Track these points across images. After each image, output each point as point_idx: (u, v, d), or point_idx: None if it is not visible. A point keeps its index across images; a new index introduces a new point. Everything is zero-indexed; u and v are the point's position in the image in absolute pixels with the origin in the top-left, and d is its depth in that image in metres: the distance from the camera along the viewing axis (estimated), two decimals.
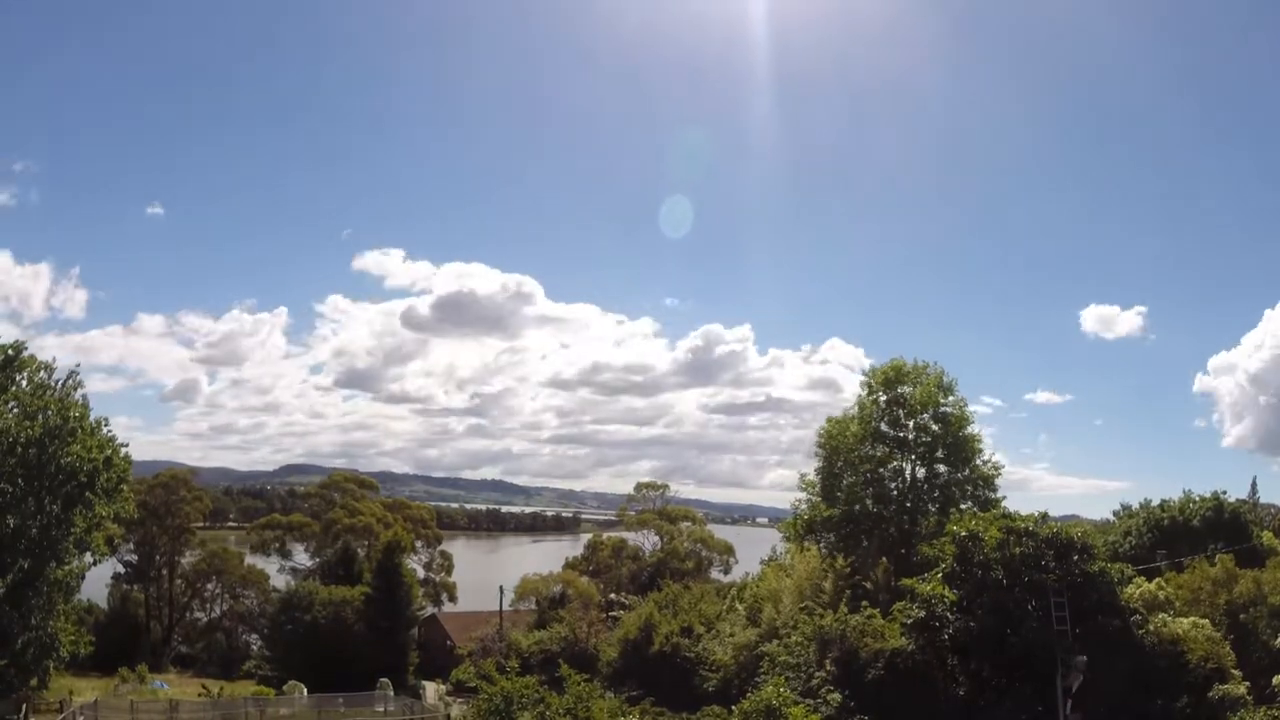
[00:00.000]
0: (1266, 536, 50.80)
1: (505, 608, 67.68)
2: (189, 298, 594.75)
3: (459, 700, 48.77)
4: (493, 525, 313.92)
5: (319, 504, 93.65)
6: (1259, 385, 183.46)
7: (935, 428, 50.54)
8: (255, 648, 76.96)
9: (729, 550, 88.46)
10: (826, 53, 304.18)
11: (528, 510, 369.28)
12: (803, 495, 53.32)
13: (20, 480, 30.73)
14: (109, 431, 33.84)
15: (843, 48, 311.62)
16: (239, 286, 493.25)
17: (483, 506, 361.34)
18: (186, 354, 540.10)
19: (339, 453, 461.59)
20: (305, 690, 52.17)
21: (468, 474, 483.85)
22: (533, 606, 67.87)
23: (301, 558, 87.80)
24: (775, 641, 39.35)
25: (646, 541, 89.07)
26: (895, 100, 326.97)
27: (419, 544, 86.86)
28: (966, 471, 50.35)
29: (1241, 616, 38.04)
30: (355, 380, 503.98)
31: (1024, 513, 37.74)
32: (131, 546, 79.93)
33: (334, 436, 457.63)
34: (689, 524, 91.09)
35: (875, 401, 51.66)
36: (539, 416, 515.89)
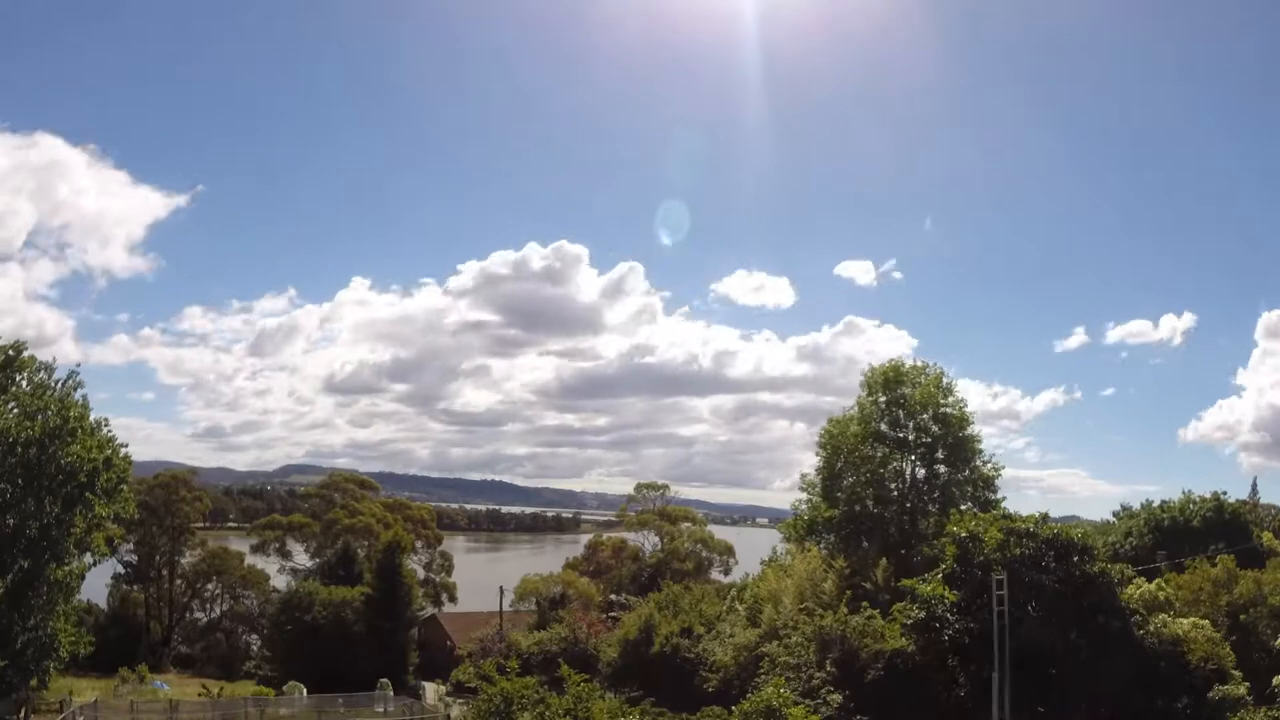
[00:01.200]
0: (1267, 537, 50.80)
1: (505, 608, 67.67)
2: (195, 292, 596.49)
3: (459, 701, 48.72)
4: (493, 525, 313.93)
5: (319, 504, 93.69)
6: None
7: (935, 428, 50.60)
8: (255, 648, 76.95)
9: (729, 551, 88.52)
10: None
11: (528, 511, 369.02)
12: (804, 496, 53.43)
13: (20, 480, 30.71)
14: (109, 432, 33.81)
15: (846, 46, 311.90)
16: (246, 281, 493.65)
17: (482, 507, 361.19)
18: (191, 352, 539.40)
19: (340, 453, 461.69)
20: (305, 690, 52.16)
21: (467, 475, 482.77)
22: (533, 607, 67.82)
23: (301, 558, 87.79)
24: (775, 642, 39.33)
25: (647, 542, 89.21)
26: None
27: (419, 544, 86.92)
28: (967, 472, 50.42)
29: (1242, 617, 38.09)
30: (358, 381, 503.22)
31: (1025, 513, 37.80)
32: (131, 546, 79.99)
33: (335, 437, 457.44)
34: (689, 524, 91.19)
35: (875, 402, 51.69)
36: (560, 418, 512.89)
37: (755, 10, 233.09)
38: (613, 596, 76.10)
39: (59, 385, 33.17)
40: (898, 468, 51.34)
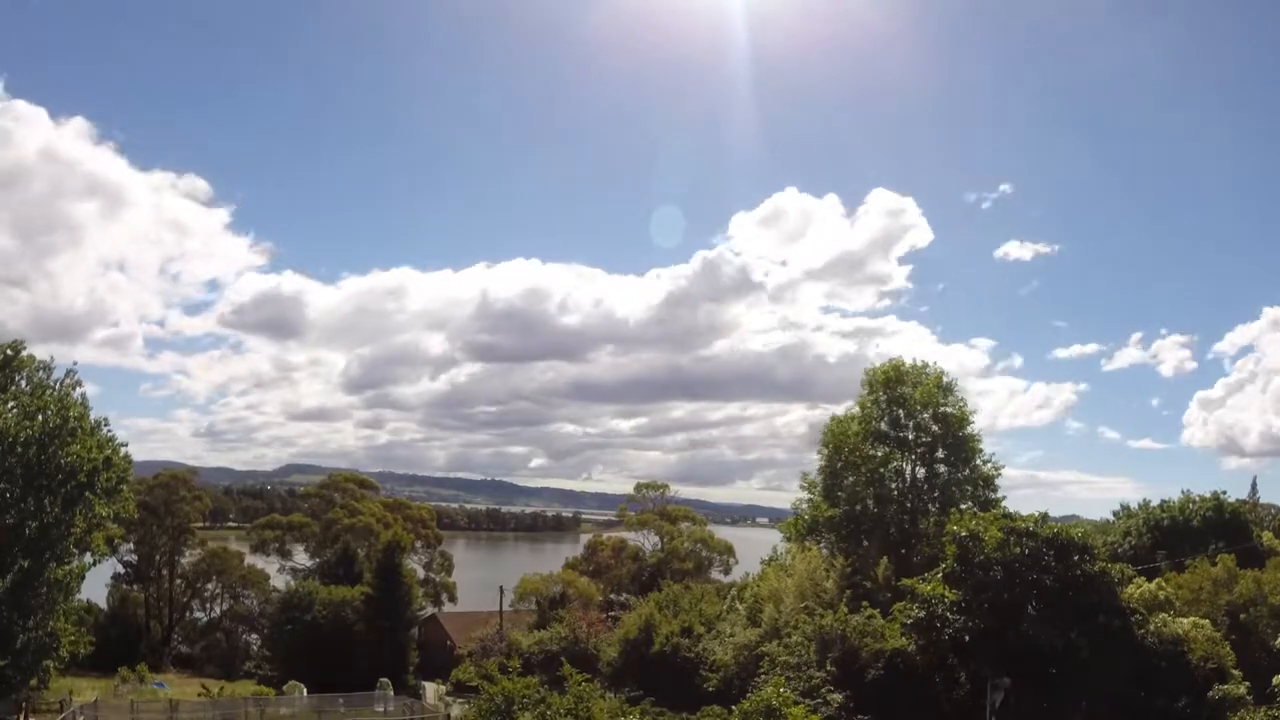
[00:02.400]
0: (1266, 536, 50.81)
1: (505, 608, 67.64)
2: None
3: (459, 700, 48.69)
4: (493, 525, 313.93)
5: (319, 504, 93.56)
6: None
7: (935, 428, 50.60)
8: (255, 648, 76.90)
9: (729, 550, 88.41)
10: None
11: (528, 510, 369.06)
12: (804, 495, 53.41)
13: (20, 480, 30.65)
14: (109, 431, 33.73)
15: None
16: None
17: (482, 507, 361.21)
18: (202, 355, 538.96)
19: (340, 452, 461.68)
20: (305, 690, 52.12)
21: (467, 474, 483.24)
22: (533, 607, 67.79)
23: (301, 558, 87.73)
24: (775, 642, 39.32)
25: (647, 542, 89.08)
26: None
27: (419, 544, 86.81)
28: (967, 471, 50.44)
29: (1242, 616, 38.11)
30: (361, 380, 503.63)
31: (1025, 513, 37.80)
32: (131, 546, 79.96)
33: (336, 436, 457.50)
34: (689, 524, 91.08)
35: (875, 401, 51.67)
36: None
37: (745, 21, 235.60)
38: (613, 596, 76.07)
39: (58, 384, 33.10)
40: (898, 467, 51.33)
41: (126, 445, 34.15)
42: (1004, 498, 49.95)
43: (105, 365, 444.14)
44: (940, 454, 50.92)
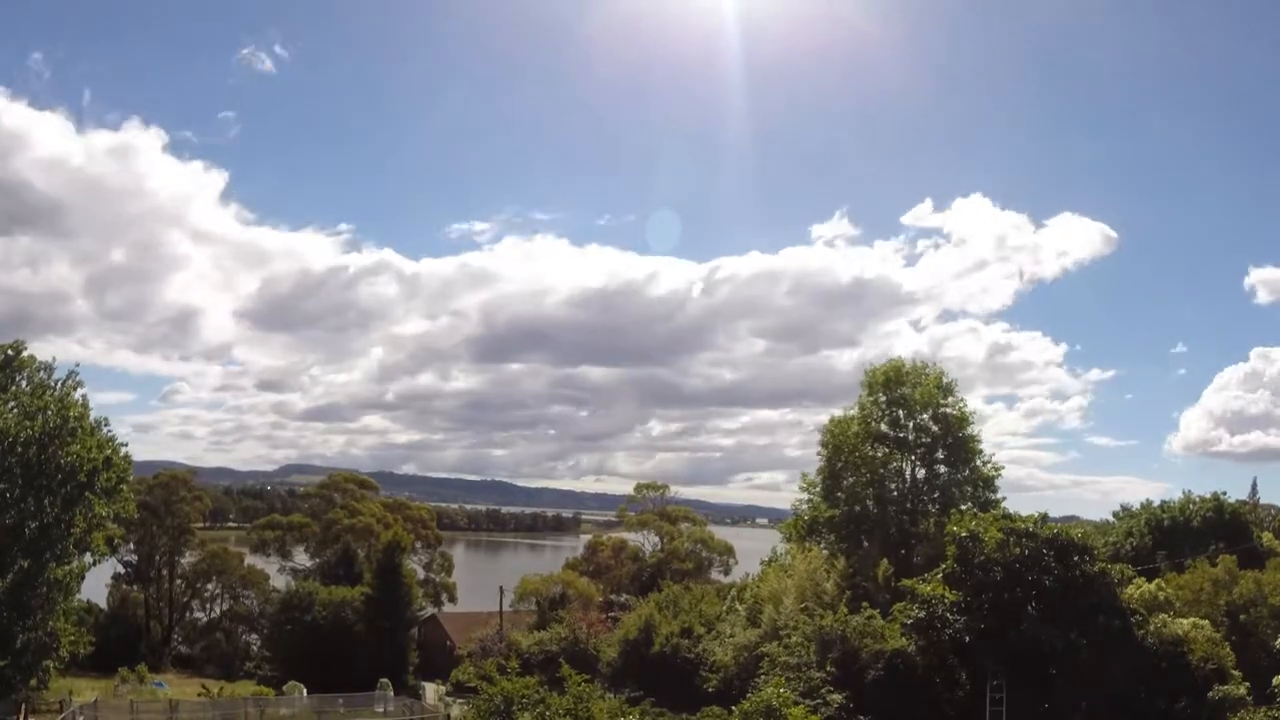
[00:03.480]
0: (1267, 537, 50.84)
1: (505, 608, 67.65)
2: None
3: (459, 701, 48.70)
4: (493, 526, 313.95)
5: (319, 504, 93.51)
6: None
7: (935, 428, 50.62)
8: (255, 648, 76.90)
9: (729, 551, 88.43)
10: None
11: (528, 511, 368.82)
12: (804, 496, 53.41)
13: (20, 480, 30.67)
14: (109, 431, 33.76)
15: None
16: None
17: (483, 507, 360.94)
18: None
19: (339, 453, 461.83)
20: (305, 691, 52.13)
21: (468, 475, 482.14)
22: (533, 607, 67.78)
23: (301, 558, 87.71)
24: (775, 642, 39.31)
25: (647, 542, 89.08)
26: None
27: (419, 545, 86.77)
28: (966, 472, 50.47)
29: (1242, 617, 38.14)
30: (366, 380, 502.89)
31: (1024, 513, 37.84)
32: (131, 546, 79.88)
33: (336, 436, 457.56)
34: (689, 524, 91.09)
35: (875, 401, 51.70)
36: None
37: (738, 27, 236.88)
38: (613, 597, 76.09)
39: (59, 385, 33.13)
40: (898, 467, 51.37)
41: (126, 445, 34.23)
42: (1004, 498, 50.09)
43: (106, 364, 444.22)
44: (940, 454, 50.95)
